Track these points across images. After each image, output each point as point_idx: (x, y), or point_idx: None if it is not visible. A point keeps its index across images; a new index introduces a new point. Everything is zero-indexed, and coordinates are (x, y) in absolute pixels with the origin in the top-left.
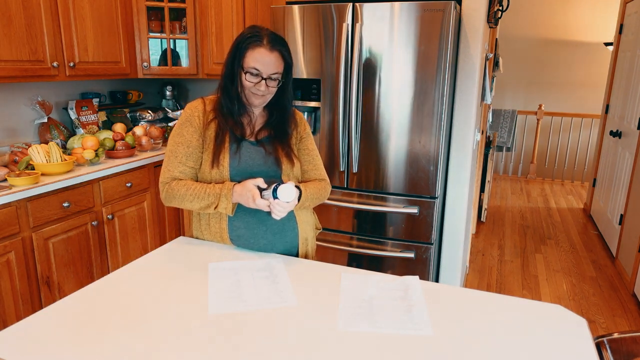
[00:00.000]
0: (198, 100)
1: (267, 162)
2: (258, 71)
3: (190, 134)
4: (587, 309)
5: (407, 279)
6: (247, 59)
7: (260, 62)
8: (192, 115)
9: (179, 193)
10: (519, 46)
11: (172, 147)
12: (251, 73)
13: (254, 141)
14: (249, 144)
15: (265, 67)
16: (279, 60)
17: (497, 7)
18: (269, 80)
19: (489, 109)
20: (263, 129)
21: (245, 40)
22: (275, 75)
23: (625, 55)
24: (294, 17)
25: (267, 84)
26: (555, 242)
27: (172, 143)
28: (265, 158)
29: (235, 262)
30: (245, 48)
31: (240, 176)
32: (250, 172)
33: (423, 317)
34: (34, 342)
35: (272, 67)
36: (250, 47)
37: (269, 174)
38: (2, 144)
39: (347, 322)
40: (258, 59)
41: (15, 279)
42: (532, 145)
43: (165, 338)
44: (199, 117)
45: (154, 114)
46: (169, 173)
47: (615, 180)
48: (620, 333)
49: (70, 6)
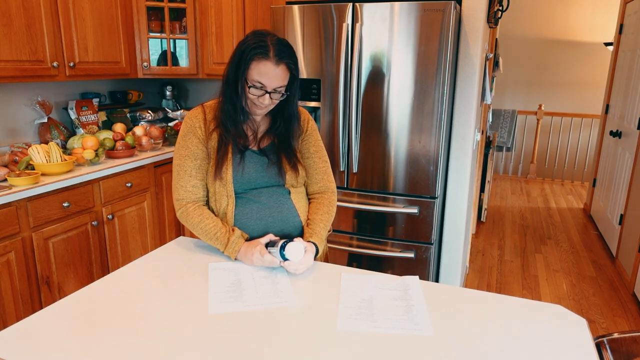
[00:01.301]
0: (197, 108)
1: (270, 172)
2: (262, 85)
3: (195, 145)
4: (587, 309)
5: (406, 279)
6: (251, 71)
7: (265, 76)
8: (193, 126)
9: (192, 221)
10: (519, 46)
11: (179, 161)
12: (255, 87)
13: (257, 150)
14: (252, 153)
15: (270, 82)
16: (285, 73)
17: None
18: (272, 93)
19: (489, 109)
20: (266, 136)
21: (250, 50)
22: (280, 88)
23: (625, 55)
24: (294, 17)
25: (271, 97)
26: (555, 242)
27: (179, 156)
28: (268, 168)
29: (235, 262)
30: (250, 59)
31: (243, 187)
32: (254, 182)
33: (423, 317)
34: (34, 342)
35: (277, 81)
36: (255, 59)
37: (272, 183)
38: (2, 144)
39: (346, 322)
40: (263, 73)
41: (15, 279)
42: (532, 145)
43: (165, 338)
44: (201, 127)
45: (154, 114)
46: (183, 190)
47: (615, 180)
48: (620, 333)
49: (70, 6)
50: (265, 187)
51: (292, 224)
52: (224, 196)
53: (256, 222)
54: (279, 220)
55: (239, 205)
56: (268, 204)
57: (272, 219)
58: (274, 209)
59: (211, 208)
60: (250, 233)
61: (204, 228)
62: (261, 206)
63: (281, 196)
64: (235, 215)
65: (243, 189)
